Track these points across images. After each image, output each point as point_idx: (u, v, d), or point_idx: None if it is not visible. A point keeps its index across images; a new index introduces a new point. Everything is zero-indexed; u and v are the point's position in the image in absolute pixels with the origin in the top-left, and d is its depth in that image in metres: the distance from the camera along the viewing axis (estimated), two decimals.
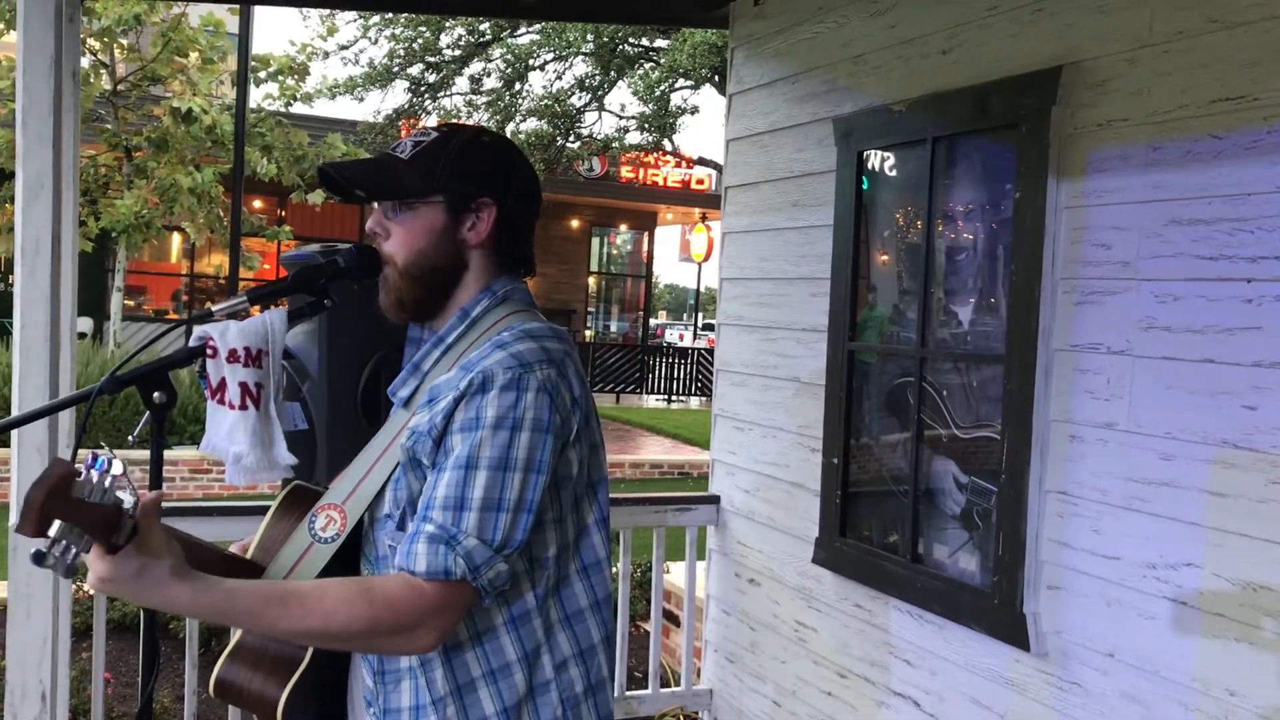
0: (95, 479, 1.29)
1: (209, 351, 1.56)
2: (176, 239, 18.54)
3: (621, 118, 18.04)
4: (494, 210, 1.64)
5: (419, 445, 1.53)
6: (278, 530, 1.67)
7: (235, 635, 1.65)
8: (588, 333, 23.69)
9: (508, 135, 16.96)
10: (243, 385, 1.56)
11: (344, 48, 17.28)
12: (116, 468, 1.30)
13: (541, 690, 1.60)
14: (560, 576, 1.62)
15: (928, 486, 3.25)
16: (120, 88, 13.88)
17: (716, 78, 16.11)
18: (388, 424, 1.66)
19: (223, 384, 1.56)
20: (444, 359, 1.62)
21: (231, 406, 1.56)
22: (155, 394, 1.50)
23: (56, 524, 1.26)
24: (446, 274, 1.64)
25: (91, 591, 4.32)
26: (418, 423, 1.55)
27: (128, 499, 1.32)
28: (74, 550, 1.28)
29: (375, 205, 1.67)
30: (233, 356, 1.55)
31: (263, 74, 14.62)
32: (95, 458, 1.30)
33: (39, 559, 1.26)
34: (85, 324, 16.30)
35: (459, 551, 1.45)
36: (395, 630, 1.46)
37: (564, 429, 1.55)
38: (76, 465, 1.29)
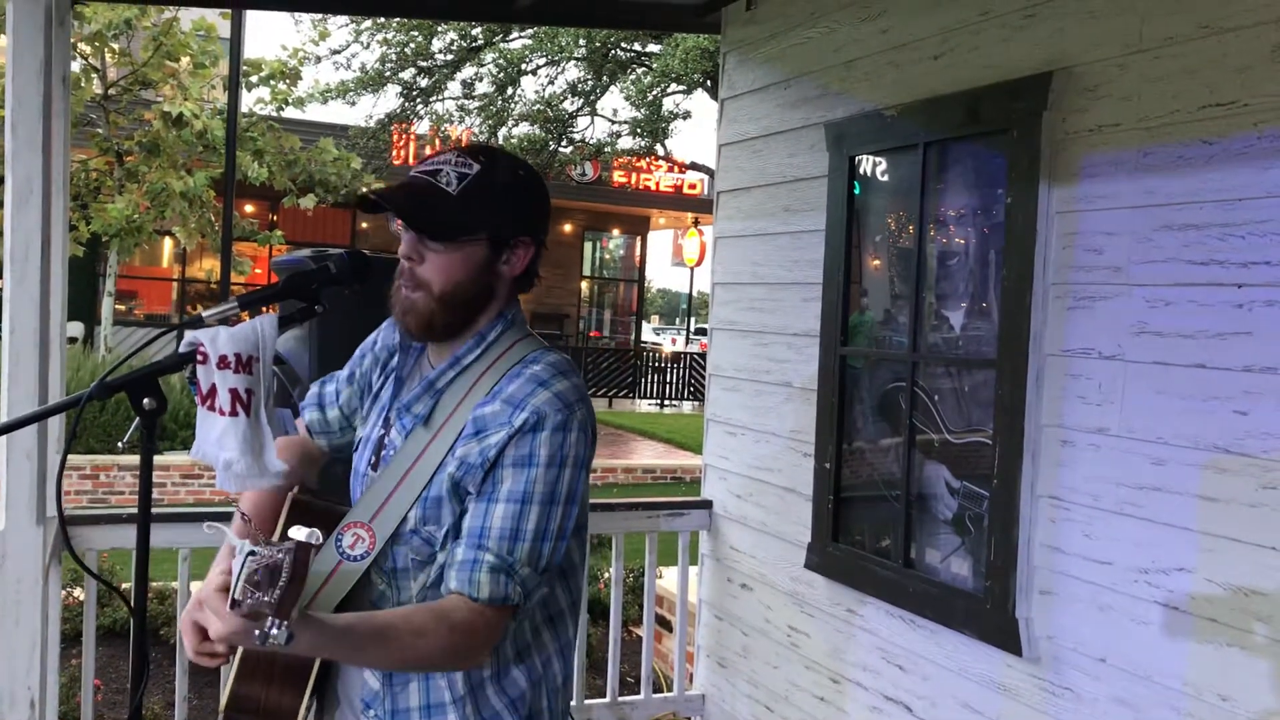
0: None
1: (199, 357, 1.55)
2: (168, 243, 18.49)
3: (614, 122, 18.03)
4: (531, 249, 1.73)
5: (469, 476, 1.63)
6: None
7: (239, 651, 1.63)
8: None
9: (500, 140, 16.99)
10: (233, 391, 1.55)
11: (336, 52, 17.21)
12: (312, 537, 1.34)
13: (536, 685, 1.74)
14: (547, 583, 1.73)
15: (920, 491, 3.25)
16: (111, 92, 13.86)
17: (709, 82, 16.11)
18: (408, 442, 1.69)
19: (213, 390, 1.55)
20: (460, 379, 1.69)
21: (222, 413, 1.55)
22: (145, 400, 1.50)
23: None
24: (477, 302, 1.71)
25: (82, 598, 4.31)
26: (466, 453, 1.63)
27: None
28: (285, 630, 1.31)
29: (402, 225, 1.66)
30: (223, 362, 1.55)
31: (254, 78, 14.60)
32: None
33: (260, 638, 1.29)
34: (76, 329, 16.25)
35: (516, 580, 1.60)
36: (468, 652, 1.60)
37: (590, 459, 1.70)
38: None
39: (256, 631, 1.27)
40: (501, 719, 1.70)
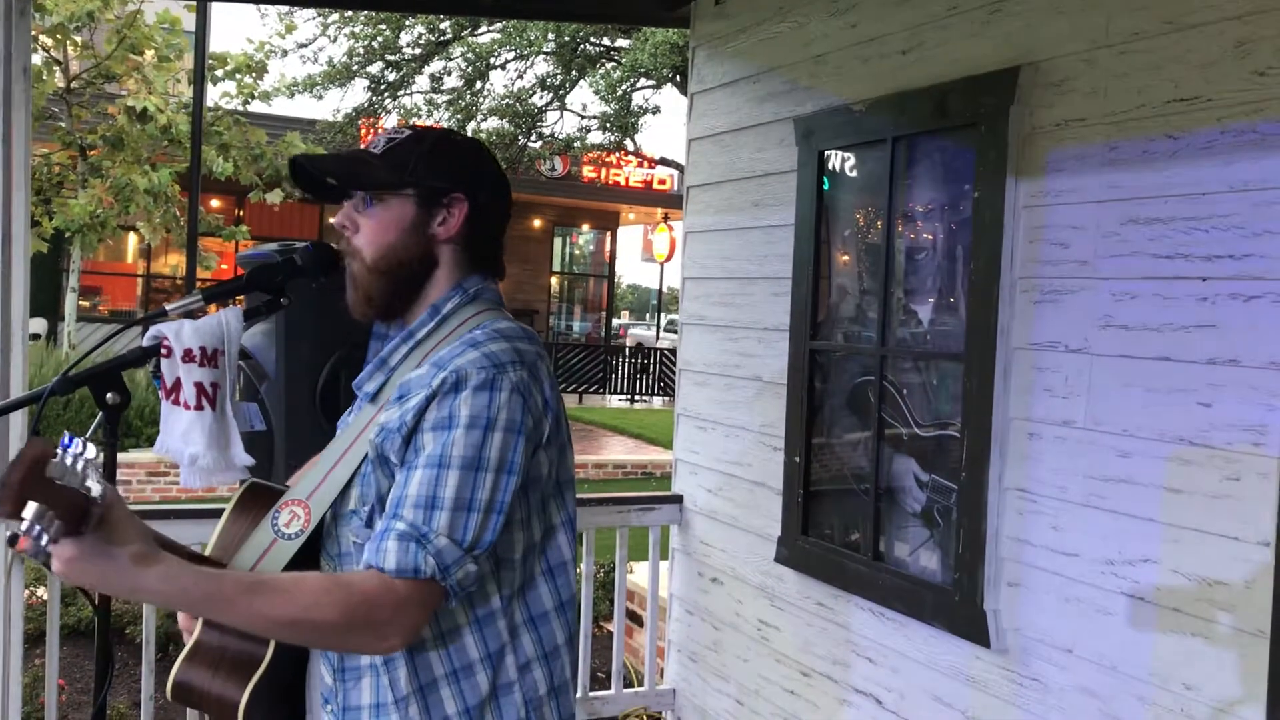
0: (68, 461, 1.25)
1: (163, 351, 1.54)
2: (132, 239, 18.31)
3: (583, 117, 18.03)
4: (465, 206, 1.65)
5: (388, 442, 1.52)
6: (236, 529, 1.64)
7: (192, 637, 1.62)
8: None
9: (469, 134, 16.91)
10: (198, 385, 1.53)
11: (303, 46, 17.14)
12: (90, 452, 1.27)
13: (505, 691, 1.59)
14: (526, 578, 1.62)
15: (889, 485, 3.26)
16: (74, 85, 13.69)
17: (678, 77, 16.14)
18: (355, 419, 1.65)
19: (177, 384, 1.54)
20: (412, 355, 1.62)
21: (187, 407, 1.54)
22: (108, 394, 1.48)
23: (31, 506, 1.22)
24: (415, 269, 1.63)
25: (45, 597, 4.25)
26: (387, 419, 1.54)
27: (95, 487, 1.28)
28: (45, 536, 1.24)
29: (346, 202, 1.66)
30: (188, 356, 1.53)
31: (220, 72, 14.46)
32: (68, 439, 1.27)
33: (12, 541, 1.23)
34: (39, 325, 16.06)
35: (429, 550, 1.44)
36: (367, 626, 1.45)
37: (536, 431, 1.55)
38: (51, 447, 1.25)
39: (19, 545, 1.22)
40: None
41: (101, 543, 1.31)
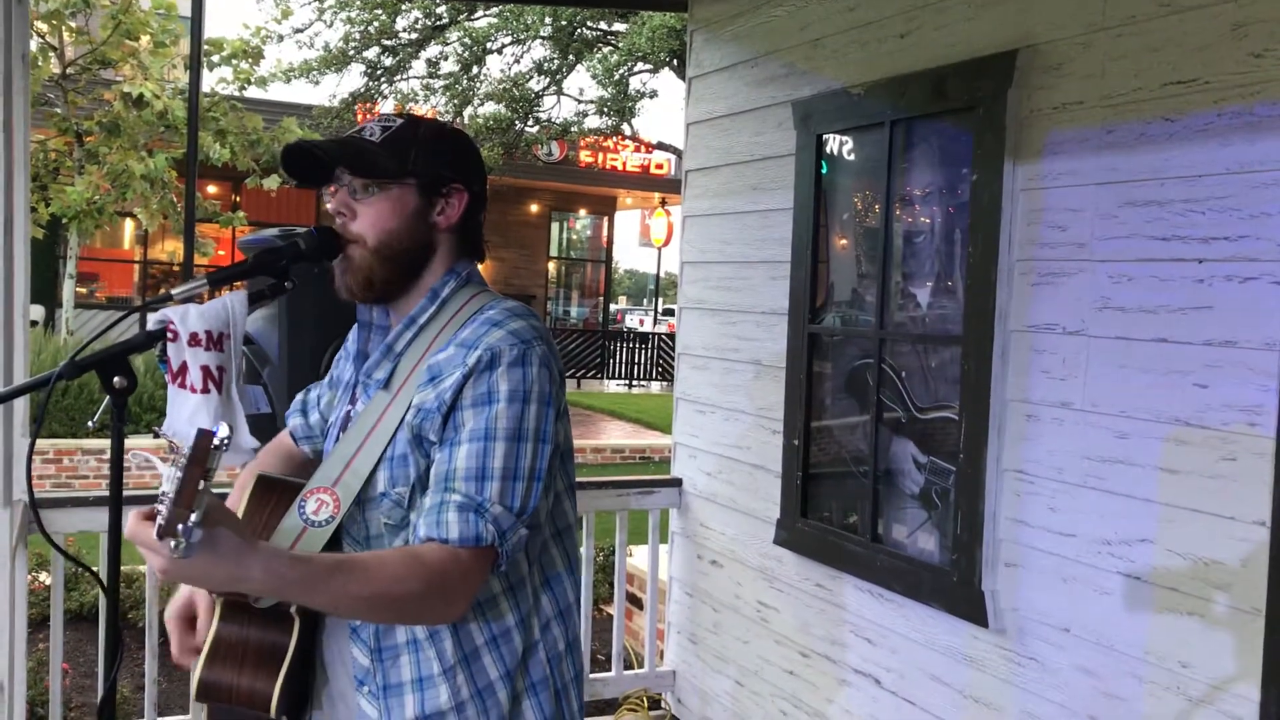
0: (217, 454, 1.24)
1: (169, 335, 1.55)
2: (129, 225, 18.27)
3: (580, 102, 17.99)
4: (465, 196, 1.70)
5: (427, 422, 1.58)
6: (257, 520, 1.64)
7: (210, 634, 1.62)
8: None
9: (465, 119, 16.90)
10: (204, 369, 1.55)
11: (299, 31, 17.08)
12: (226, 444, 1.25)
13: (531, 651, 1.68)
14: (541, 542, 1.70)
15: (887, 467, 3.28)
16: (70, 71, 13.65)
17: (675, 61, 16.10)
18: (369, 406, 1.68)
19: (184, 368, 1.55)
20: (418, 340, 1.67)
21: (193, 390, 1.55)
22: (116, 379, 1.49)
23: (201, 503, 1.19)
24: (416, 255, 1.68)
25: (48, 582, 4.27)
26: (423, 400, 1.59)
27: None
28: (197, 531, 1.19)
29: (336, 188, 1.67)
30: (194, 340, 1.54)
31: (216, 58, 14.42)
32: (216, 431, 1.25)
33: (168, 533, 1.17)
34: (37, 312, 16.05)
35: (487, 519, 1.51)
36: (441, 595, 1.50)
37: (558, 400, 1.63)
38: (211, 439, 1.23)
39: (173, 542, 1.15)
40: (495, 691, 1.63)
41: (208, 536, 1.28)
